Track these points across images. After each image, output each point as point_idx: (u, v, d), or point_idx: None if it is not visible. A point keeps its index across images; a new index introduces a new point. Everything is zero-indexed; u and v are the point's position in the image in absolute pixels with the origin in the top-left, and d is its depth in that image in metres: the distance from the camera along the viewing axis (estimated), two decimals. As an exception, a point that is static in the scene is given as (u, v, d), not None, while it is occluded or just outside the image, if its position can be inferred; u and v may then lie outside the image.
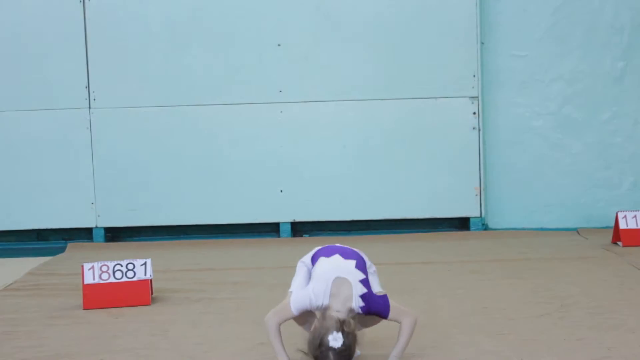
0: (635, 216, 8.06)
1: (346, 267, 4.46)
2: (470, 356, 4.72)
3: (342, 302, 4.32)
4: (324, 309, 4.33)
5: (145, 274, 6.23)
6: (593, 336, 5.03)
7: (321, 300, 4.36)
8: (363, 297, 4.39)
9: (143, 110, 9.31)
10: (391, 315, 4.45)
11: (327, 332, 4.19)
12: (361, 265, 4.53)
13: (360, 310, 4.38)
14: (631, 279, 6.61)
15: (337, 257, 4.54)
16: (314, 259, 4.67)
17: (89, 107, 9.31)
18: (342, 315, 4.27)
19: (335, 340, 4.16)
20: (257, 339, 5.16)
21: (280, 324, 4.45)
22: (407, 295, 5.98)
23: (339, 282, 4.38)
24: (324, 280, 4.40)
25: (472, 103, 9.25)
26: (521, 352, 4.74)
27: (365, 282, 4.44)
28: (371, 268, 4.64)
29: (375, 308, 4.42)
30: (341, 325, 4.19)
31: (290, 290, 4.62)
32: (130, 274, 6.21)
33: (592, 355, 4.66)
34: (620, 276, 6.74)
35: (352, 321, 4.24)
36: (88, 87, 9.28)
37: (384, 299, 4.46)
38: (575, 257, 7.64)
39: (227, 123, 9.31)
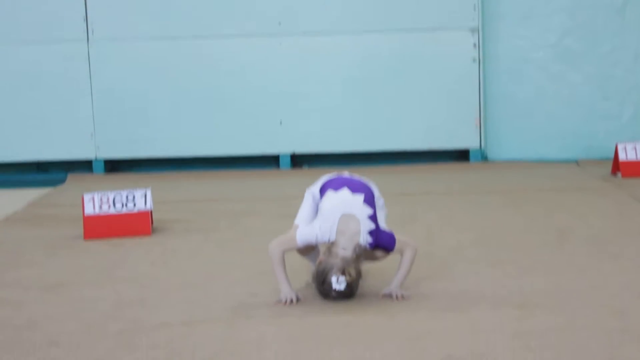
0: (634, 147, 8.05)
1: (354, 203, 4.44)
2: (469, 286, 4.73)
3: (350, 238, 4.31)
4: (330, 245, 4.32)
5: (145, 205, 6.24)
6: (591, 265, 5.05)
7: (327, 237, 4.35)
8: (371, 233, 4.39)
9: (142, 42, 9.25)
10: (396, 248, 4.46)
11: (331, 271, 4.21)
12: (370, 200, 4.51)
13: (368, 246, 4.38)
14: (630, 210, 6.62)
15: (345, 191, 4.51)
16: (322, 191, 4.64)
17: (87, 40, 9.25)
18: (348, 252, 4.27)
19: (339, 283, 4.20)
20: (257, 268, 5.17)
21: (284, 254, 4.45)
22: (407, 226, 5.99)
23: (346, 218, 4.37)
24: (331, 217, 4.38)
25: (473, 35, 9.19)
26: (520, 282, 4.75)
27: (373, 218, 4.43)
28: (379, 201, 4.61)
29: (382, 243, 4.44)
30: (344, 269, 4.21)
31: (296, 222, 4.61)
32: (130, 204, 6.22)
33: (590, 283, 4.68)
34: (619, 207, 6.75)
35: (353, 270, 4.24)
36: (86, 19, 9.22)
37: (390, 234, 4.47)
38: (574, 188, 7.65)
39: (227, 55, 9.27)
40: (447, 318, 4.16)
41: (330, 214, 4.39)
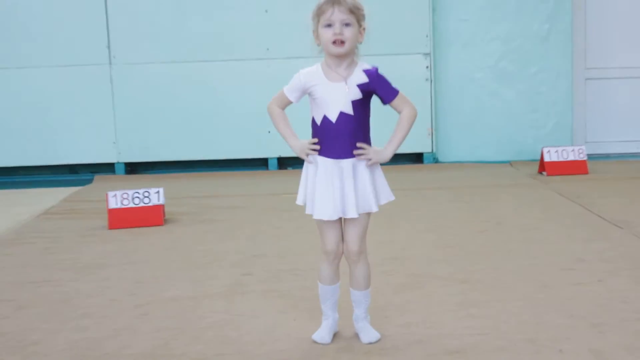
0: (557, 151, 8.11)
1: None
2: (422, 265, 4.77)
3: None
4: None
5: (158, 200, 6.24)
6: (522, 248, 5.09)
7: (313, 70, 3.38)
8: (368, 72, 3.36)
9: (155, 65, 9.24)
10: (396, 100, 3.45)
11: None
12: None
13: (365, 78, 3.34)
14: (553, 202, 6.68)
15: None
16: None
17: (110, 64, 9.22)
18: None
19: None
20: (250, 252, 5.19)
21: (282, 109, 3.50)
22: (371, 216, 6.00)
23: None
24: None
25: (425, 58, 9.22)
26: (464, 262, 4.79)
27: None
28: None
29: (380, 87, 3.40)
30: None
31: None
32: (146, 200, 6.22)
33: (521, 262, 4.72)
34: (544, 200, 6.80)
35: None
36: (109, 47, 9.19)
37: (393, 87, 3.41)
38: (508, 184, 7.69)
39: (224, 75, 9.26)
40: (405, 292, 4.19)
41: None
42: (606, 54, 9.53)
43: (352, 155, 3.33)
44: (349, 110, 3.31)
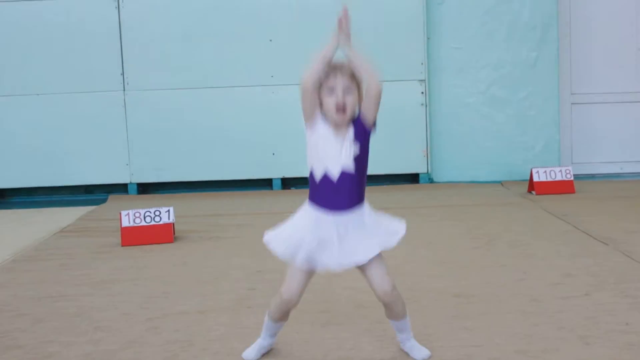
0: (545, 171, 8.12)
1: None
2: (420, 279, 4.75)
3: None
4: None
5: (169, 219, 6.24)
6: (512, 263, 5.08)
7: None
8: (352, 122, 3.32)
9: (166, 91, 9.26)
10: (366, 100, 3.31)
11: None
12: None
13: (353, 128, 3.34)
14: (542, 219, 6.67)
15: None
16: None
17: (124, 90, 9.25)
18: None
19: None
20: (254, 268, 5.18)
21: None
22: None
23: None
24: None
25: (421, 85, 9.24)
26: (458, 276, 4.78)
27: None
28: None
29: (358, 117, 3.38)
30: None
31: None
32: (157, 218, 6.21)
33: (512, 277, 4.71)
34: (534, 217, 6.79)
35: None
36: (123, 74, 9.22)
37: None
38: (499, 203, 7.69)
39: (231, 101, 9.28)
40: (402, 306, 4.17)
41: None
42: (590, 80, 9.55)
43: (351, 208, 3.27)
44: (351, 169, 3.29)
